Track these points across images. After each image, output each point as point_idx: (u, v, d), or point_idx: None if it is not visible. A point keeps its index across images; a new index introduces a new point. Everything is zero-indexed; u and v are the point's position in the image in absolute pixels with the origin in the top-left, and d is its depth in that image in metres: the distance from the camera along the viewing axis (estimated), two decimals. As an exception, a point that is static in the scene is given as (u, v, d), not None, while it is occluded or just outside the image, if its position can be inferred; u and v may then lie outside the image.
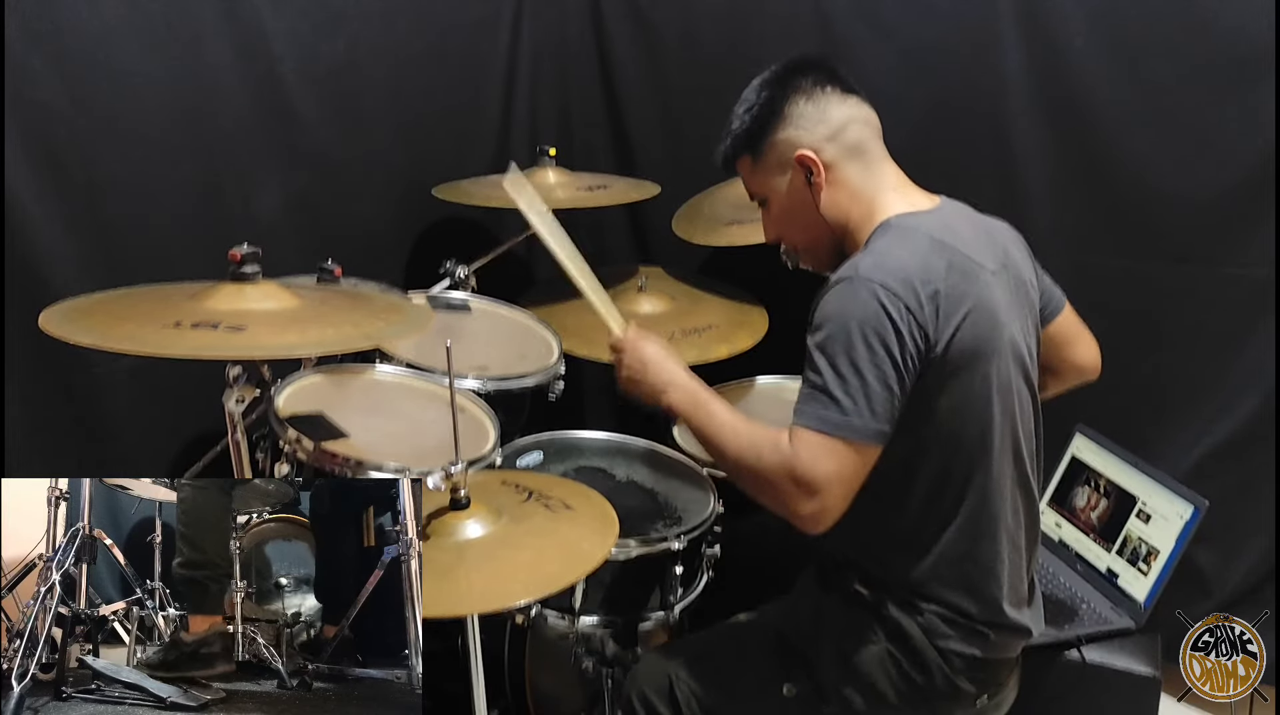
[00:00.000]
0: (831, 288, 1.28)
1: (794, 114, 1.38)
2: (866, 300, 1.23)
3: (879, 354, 1.22)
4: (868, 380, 1.22)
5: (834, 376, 1.22)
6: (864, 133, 1.39)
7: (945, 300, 1.26)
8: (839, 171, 1.39)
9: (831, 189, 1.39)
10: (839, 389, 1.22)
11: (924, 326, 1.24)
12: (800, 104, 1.38)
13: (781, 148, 1.40)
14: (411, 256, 2.40)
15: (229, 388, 1.41)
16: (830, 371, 1.23)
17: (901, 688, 1.36)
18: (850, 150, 1.38)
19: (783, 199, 1.44)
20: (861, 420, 1.21)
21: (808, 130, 1.38)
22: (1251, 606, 2.00)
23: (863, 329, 1.22)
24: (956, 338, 1.26)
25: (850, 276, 1.26)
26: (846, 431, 1.22)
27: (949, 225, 1.36)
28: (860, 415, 1.21)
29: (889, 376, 1.22)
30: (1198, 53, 1.95)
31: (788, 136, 1.39)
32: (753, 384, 2.25)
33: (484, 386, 1.82)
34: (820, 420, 1.23)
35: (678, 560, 1.68)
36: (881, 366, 1.22)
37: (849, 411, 1.22)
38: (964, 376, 1.28)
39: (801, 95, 1.38)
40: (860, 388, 1.21)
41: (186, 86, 1.86)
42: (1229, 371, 2.06)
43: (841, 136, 1.38)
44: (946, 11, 2.14)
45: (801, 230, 1.46)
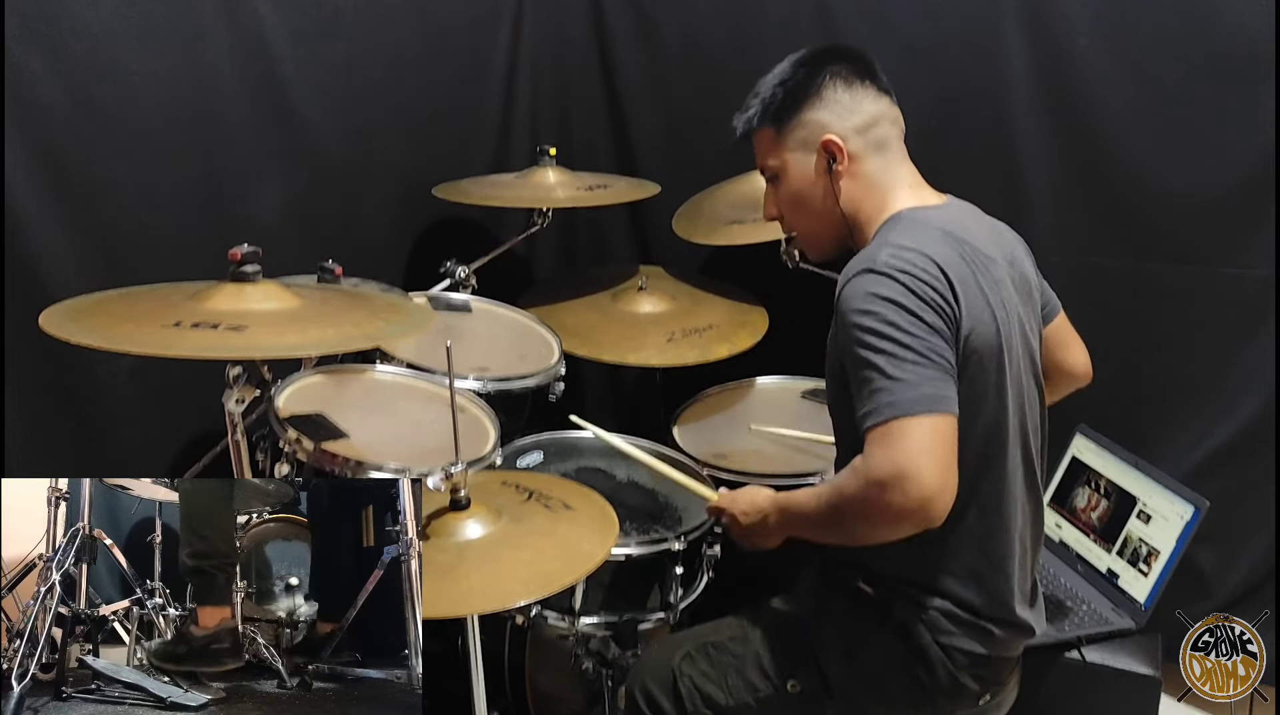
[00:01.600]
0: (852, 280, 1.26)
1: (830, 98, 1.38)
2: (893, 285, 1.22)
3: (921, 328, 1.20)
4: (919, 352, 1.19)
5: (883, 361, 1.19)
6: (890, 132, 1.40)
7: (961, 286, 1.25)
8: (860, 164, 1.39)
9: (850, 180, 1.39)
10: (893, 371, 1.18)
11: (949, 307, 1.23)
12: (838, 89, 1.38)
13: (810, 127, 1.39)
14: (411, 256, 2.40)
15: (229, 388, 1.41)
16: (879, 358, 1.19)
17: (905, 684, 1.35)
18: (875, 145, 1.39)
19: (797, 179, 1.42)
20: (922, 391, 1.17)
21: (840, 117, 1.38)
22: (1251, 606, 2.00)
23: (899, 311, 1.20)
24: (973, 326, 1.25)
25: (869, 266, 1.25)
26: (911, 407, 1.17)
27: (959, 220, 1.36)
28: (918, 387, 1.17)
29: (938, 347, 1.20)
30: (1200, 53, 1.95)
31: (819, 118, 1.39)
32: (753, 384, 2.25)
33: (484, 387, 1.82)
34: (881, 411, 1.18)
35: (678, 560, 1.68)
36: (928, 339, 1.20)
37: (907, 387, 1.17)
38: (980, 366, 1.27)
39: (840, 81, 1.38)
40: (914, 362, 1.18)
41: (186, 86, 1.86)
42: (1229, 372, 2.06)
43: (871, 131, 1.38)
44: (949, 11, 2.15)
45: (809, 214, 1.45)
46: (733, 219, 2.20)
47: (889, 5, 2.20)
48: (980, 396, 1.28)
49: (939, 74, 2.18)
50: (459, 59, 2.42)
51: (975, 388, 1.27)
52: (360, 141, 2.21)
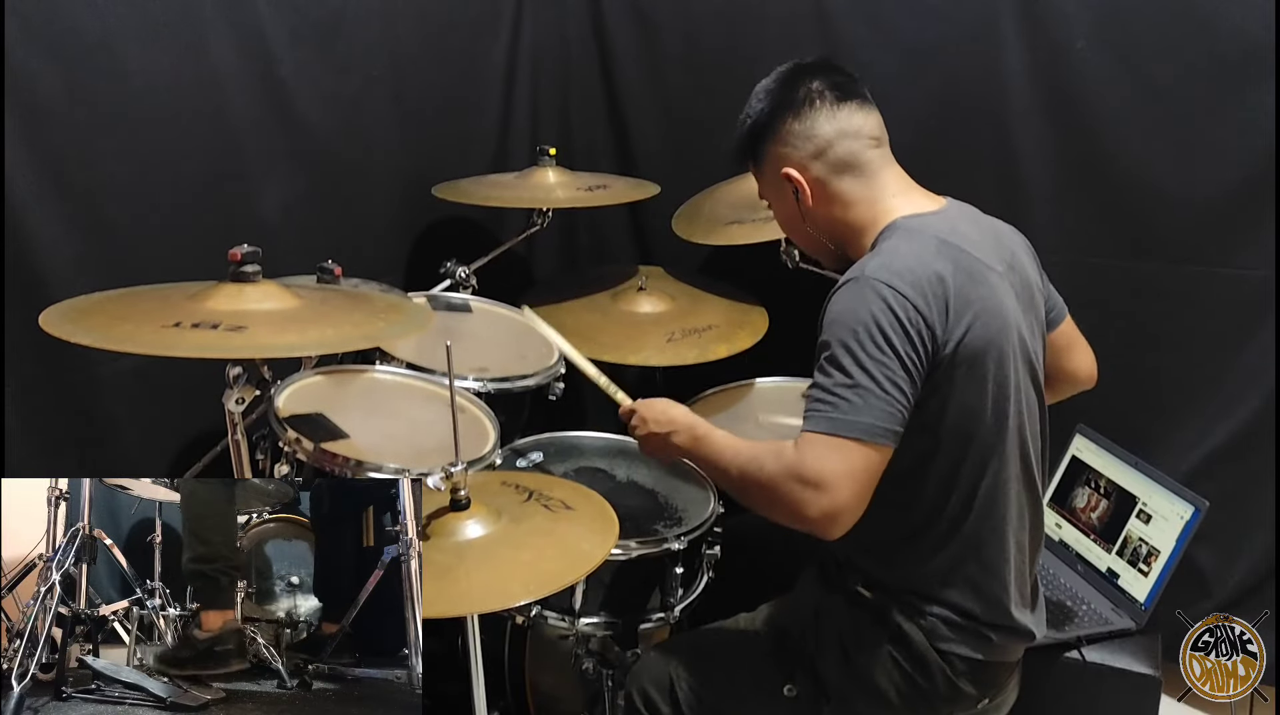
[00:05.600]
0: (838, 290, 1.28)
1: (783, 131, 1.39)
2: (873, 300, 1.23)
3: (886, 353, 1.21)
4: (876, 378, 1.21)
5: (841, 377, 1.22)
6: (854, 146, 1.38)
7: (954, 299, 1.25)
8: (829, 187, 1.39)
9: (822, 204, 1.40)
10: (846, 390, 1.21)
11: (932, 326, 1.24)
12: (789, 122, 1.38)
13: (772, 161, 1.42)
14: (411, 256, 2.40)
15: (229, 388, 1.41)
16: (838, 372, 1.22)
17: (903, 689, 1.35)
18: (838, 166, 1.38)
19: (780, 209, 1.47)
20: (869, 418, 1.20)
21: (795, 148, 1.39)
22: (1251, 606, 2.00)
23: (869, 329, 1.22)
24: (966, 338, 1.25)
25: (857, 277, 1.27)
26: (853, 430, 1.20)
27: (955, 227, 1.36)
28: (868, 413, 1.20)
29: (897, 376, 1.21)
30: (1199, 53, 1.95)
31: (776, 152, 1.41)
32: (753, 384, 2.25)
33: (484, 387, 1.82)
34: (827, 421, 1.21)
35: (678, 561, 1.68)
36: (889, 365, 1.21)
37: (856, 410, 1.20)
38: (973, 376, 1.27)
39: (790, 113, 1.38)
40: (868, 387, 1.20)
41: (186, 86, 1.86)
42: (1229, 372, 2.06)
43: (829, 153, 1.37)
44: (948, 12, 2.14)
45: (800, 237, 1.49)
46: (732, 219, 2.20)
47: (887, 6, 2.20)
48: (972, 406, 1.28)
49: (937, 75, 2.18)
50: (459, 59, 2.42)
51: (967, 397, 1.28)
52: (360, 141, 2.21)
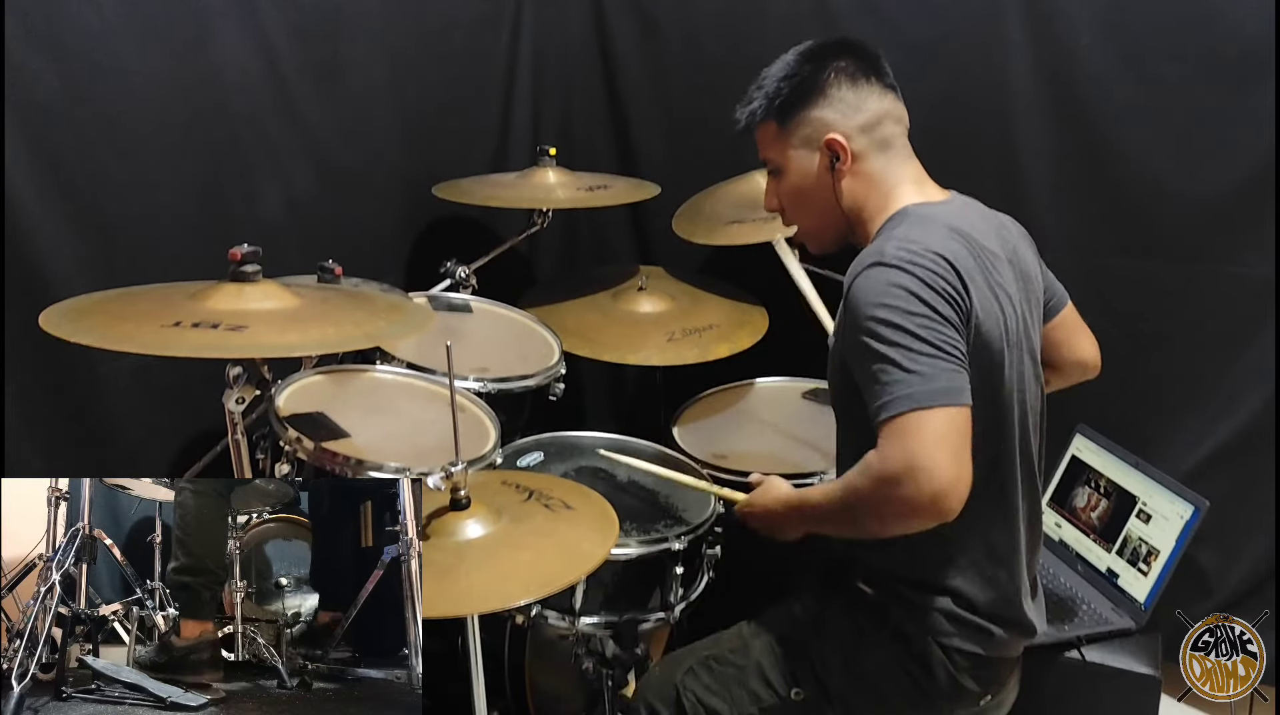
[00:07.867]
0: (862, 274, 1.26)
1: (834, 95, 1.37)
2: (903, 276, 1.21)
3: (935, 320, 1.19)
4: (934, 343, 1.18)
5: (897, 354, 1.18)
6: (894, 129, 1.39)
7: (969, 279, 1.25)
8: (864, 163, 1.38)
9: (853, 178, 1.38)
10: (907, 362, 1.17)
11: (962, 296, 1.23)
12: (843, 87, 1.37)
13: (814, 125, 1.38)
14: (411, 256, 2.40)
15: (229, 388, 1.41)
16: (892, 351, 1.18)
17: (905, 687, 1.35)
18: (879, 144, 1.38)
19: (799, 176, 1.42)
20: (941, 382, 1.17)
21: (844, 116, 1.37)
22: (1251, 606, 2.00)
23: (910, 303, 1.20)
24: (980, 320, 1.25)
25: (878, 260, 1.25)
26: (925, 400, 1.16)
27: (963, 215, 1.36)
28: (936, 379, 1.17)
29: (952, 338, 1.20)
30: (1201, 52, 1.95)
31: (823, 116, 1.37)
32: (753, 384, 2.25)
33: (484, 387, 1.82)
34: (893, 406, 1.17)
35: (678, 560, 1.67)
36: (941, 330, 1.19)
37: (925, 379, 1.16)
38: (985, 360, 1.27)
39: (845, 78, 1.37)
40: (930, 354, 1.18)
41: (187, 86, 1.86)
42: (1230, 371, 2.06)
43: (875, 130, 1.37)
44: (951, 10, 2.15)
45: (810, 210, 1.45)
46: (733, 219, 2.20)
47: (891, 3, 2.20)
48: (984, 390, 1.27)
49: (941, 72, 2.17)
50: (459, 59, 2.42)
51: (979, 381, 1.27)
52: (360, 141, 2.21)
